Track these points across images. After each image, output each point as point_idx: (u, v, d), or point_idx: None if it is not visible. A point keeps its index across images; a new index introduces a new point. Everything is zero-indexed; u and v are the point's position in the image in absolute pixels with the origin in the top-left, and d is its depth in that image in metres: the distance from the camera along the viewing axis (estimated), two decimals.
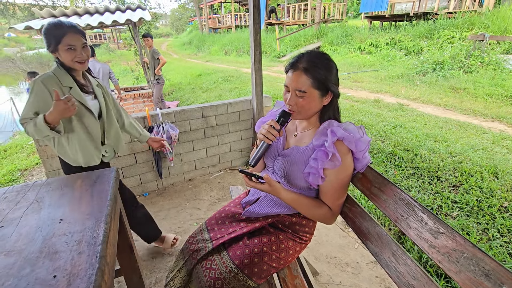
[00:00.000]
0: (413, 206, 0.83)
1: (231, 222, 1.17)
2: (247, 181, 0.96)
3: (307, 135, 1.04)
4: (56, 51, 1.32)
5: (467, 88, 5.32)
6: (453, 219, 2.01)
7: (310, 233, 1.16)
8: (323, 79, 0.92)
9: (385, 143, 3.18)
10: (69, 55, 1.32)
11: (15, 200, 0.98)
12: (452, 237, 0.71)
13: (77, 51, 1.33)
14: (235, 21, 19.00)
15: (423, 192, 2.32)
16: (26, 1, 20.87)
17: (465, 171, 2.47)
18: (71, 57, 1.32)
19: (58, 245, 0.75)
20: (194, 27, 27.55)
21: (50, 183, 1.09)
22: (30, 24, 4.11)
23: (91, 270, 0.66)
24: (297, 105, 0.95)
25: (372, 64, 8.29)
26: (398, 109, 4.58)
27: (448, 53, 6.85)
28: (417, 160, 2.73)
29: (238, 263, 1.01)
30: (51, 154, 2.15)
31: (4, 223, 0.85)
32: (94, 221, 0.84)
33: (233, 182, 2.86)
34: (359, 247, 1.92)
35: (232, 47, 14.92)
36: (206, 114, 2.73)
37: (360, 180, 1.05)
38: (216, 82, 7.72)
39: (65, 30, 1.30)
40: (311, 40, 11.86)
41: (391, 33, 9.52)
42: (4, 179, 3.35)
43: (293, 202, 0.98)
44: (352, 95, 5.70)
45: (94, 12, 4.95)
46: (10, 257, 0.71)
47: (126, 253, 1.25)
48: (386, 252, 0.90)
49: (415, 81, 6.27)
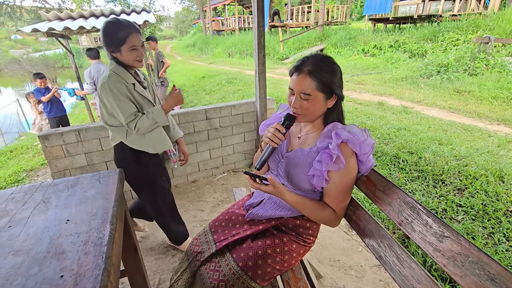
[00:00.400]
0: (417, 209, 0.83)
1: (234, 224, 1.18)
2: (251, 182, 0.96)
3: (311, 137, 1.05)
4: (118, 51, 1.34)
5: (472, 91, 5.28)
6: (458, 223, 2.00)
7: (313, 236, 1.16)
8: (328, 82, 0.93)
9: (389, 145, 3.17)
10: (131, 55, 1.35)
11: (23, 200, 0.99)
12: (457, 241, 0.71)
13: (139, 50, 1.36)
14: (238, 23, 19.08)
15: (428, 195, 2.30)
16: (32, 3, 21.17)
17: (470, 174, 2.45)
18: (133, 57, 1.35)
19: (65, 245, 0.76)
20: (198, 29, 27.71)
21: (57, 184, 1.10)
22: (37, 27, 4.17)
23: (97, 270, 0.67)
24: (302, 108, 0.96)
25: (375, 66, 8.27)
26: (402, 112, 4.56)
27: (452, 55, 6.82)
28: (421, 163, 2.71)
29: (242, 265, 1.02)
30: (57, 155, 2.17)
31: (12, 223, 0.86)
32: (100, 221, 0.85)
33: (237, 184, 2.86)
34: (363, 250, 1.91)
35: (236, 49, 14.98)
36: (210, 116, 2.75)
37: (364, 183, 1.05)
38: (219, 84, 7.75)
39: (128, 31, 1.31)
40: (315, 43, 11.87)
41: (395, 36, 9.50)
42: (10, 179, 3.39)
43: (297, 204, 0.98)
44: (355, 97, 5.69)
45: (100, 15, 5.01)
46: (18, 256, 0.72)
47: (130, 253, 1.26)
48: (391, 255, 0.89)
49: (419, 83, 6.24)
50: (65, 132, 2.15)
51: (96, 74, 3.94)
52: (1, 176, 3.48)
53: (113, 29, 1.31)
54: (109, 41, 1.32)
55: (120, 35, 1.30)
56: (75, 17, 4.69)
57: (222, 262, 1.05)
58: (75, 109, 9.44)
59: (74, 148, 2.22)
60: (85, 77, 3.98)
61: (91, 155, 2.30)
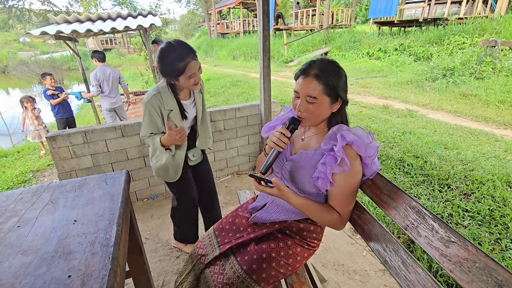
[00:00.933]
0: (423, 214, 0.83)
1: (238, 227, 1.18)
2: (256, 185, 0.97)
3: (315, 139, 1.05)
4: (176, 80, 1.31)
5: (479, 95, 5.23)
6: (464, 228, 1.97)
7: (318, 239, 1.16)
8: (334, 86, 0.93)
9: (394, 149, 3.15)
10: (189, 82, 1.32)
11: (31, 200, 1.01)
12: (464, 247, 0.71)
13: (197, 76, 1.32)
14: (243, 26, 19.19)
15: (433, 200, 2.28)
16: (41, 7, 21.55)
17: (477, 179, 2.42)
18: (191, 83, 1.33)
19: (72, 245, 0.77)
20: (202, 32, 27.91)
21: (64, 185, 1.12)
22: (45, 30, 4.24)
23: (104, 271, 0.68)
24: (307, 111, 0.96)
25: (380, 69, 8.24)
26: (407, 115, 4.53)
27: (458, 59, 6.77)
28: (426, 167, 2.69)
29: (246, 269, 1.02)
30: (63, 156, 2.20)
31: (20, 223, 0.87)
32: (107, 222, 0.86)
33: (240, 186, 2.87)
34: (367, 254, 1.90)
35: (240, 52, 15.05)
36: (215, 119, 2.76)
37: (369, 187, 1.04)
38: (224, 87, 7.79)
39: (186, 60, 1.25)
40: (319, 46, 11.88)
41: (400, 39, 9.46)
42: (17, 180, 3.43)
43: (302, 206, 0.98)
44: (360, 100, 5.67)
45: (107, 18, 5.08)
46: (27, 256, 0.73)
47: (135, 255, 1.27)
48: (396, 260, 0.89)
49: (424, 87, 6.20)
50: (72, 133, 2.18)
51: (102, 76, 3.99)
52: (8, 176, 3.53)
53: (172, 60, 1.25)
54: (167, 71, 1.28)
55: (179, 66, 1.25)
56: (83, 20, 4.76)
57: (226, 265, 1.06)
58: (81, 111, 9.55)
59: (80, 149, 2.24)
60: (91, 79, 4.03)
61: (97, 157, 2.32)
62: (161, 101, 1.39)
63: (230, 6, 20.47)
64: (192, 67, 1.27)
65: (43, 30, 4.17)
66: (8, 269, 0.69)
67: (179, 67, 1.24)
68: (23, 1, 20.74)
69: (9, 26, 22.26)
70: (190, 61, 1.26)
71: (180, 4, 62.85)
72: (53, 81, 4.21)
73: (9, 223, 0.88)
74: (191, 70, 1.27)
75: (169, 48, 1.25)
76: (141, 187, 2.62)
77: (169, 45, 1.26)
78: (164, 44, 1.28)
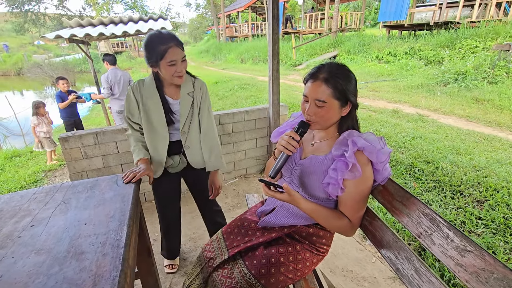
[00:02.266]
0: (437, 221, 0.81)
1: (247, 231, 1.17)
2: (266, 190, 0.96)
3: (325, 144, 1.04)
4: (157, 66, 1.30)
5: (492, 100, 5.12)
6: (478, 236, 1.92)
7: (327, 245, 1.14)
8: (343, 89, 0.92)
9: (404, 154, 3.10)
10: (169, 71, 1.28)
11: (44, 200, 1.03)
12: (480, 256, 0.68)
13: (178, 65, 1.29)
14: (252, 30, 19.31)
15: (445, 206, 2.23)
16: (55, 11, 22.18)
17: (491, 186, 2.35)
18: (172, 73, 1.29)
19: (84, 246, 0.78)
20: (211, 35, 28.19)
21: (76, 185, 1.13)
22: (59, 33, 4.35)
23: (115, 272, 0.68)
24: (316, 115, 0.95)
25: (390, 73, 8.15)
26: (418, 120, 4.46)
27: (471, 63, 6.64)
28: (438, 173, 2.63)
29: (255, 273, 1.01)
30: (75, 157, 2.24)
31: (34, 222, 0.89)
32: (118, 224, 0.87)
33: (248, 189, 2.86)
34: (377, 261, 1.86)
35: (248, 55, 15.12)
36: (223, 121, 2.77)
37: (380, 193, 1.02)
38: (232, 90, 7.83)
39: (168, 44, 1.24)
40: (328, 49, 11.84)
41: (410, 42, 9.35)
42: (30, 179, 3.51)
43: (312, 212, 0.97)
44: (369, 104, 5.62)
45: (119, 22, 5.18)
46: (40, 255, 0.74)
47: (144, 256, 1.28)
48: (409, 268, 0.87)
49: (435, 91, 6.10)
50: (83, 134, 2.22)
51: (113, 79, 4.06)
52: (21, 176, 3.62)
53: (154, 43, 1.24)
54: (149, 55, 1.28)
55: (160, 49, 1.23)
56: (96, 24, 4.87)
57: (235, 269, 1.05)
58: (92, 113, 9.73)
59: (91, 150, 2.28)
60: (102, 82, 4.10)
61: (107, 158, 2.36)
62: (141, 87, 1.39)
63: (239, 10, 20.65)
64: (173, 52, 1.25)
65: (58, 33, 4.28)
66: (22, 267, 0.70)
67: (160, 49, 1.24)
68: (39, 6, 21.37)
69: (24, 30, 22.98)
70: (172, 46, 1.25)
71: (189, 8, 63.67)
72: (65, 85, 4.29)
73: (23, 222, 0.90)
74: (171, 55, 1.25)
75: (154, 33, 1.28)
76: (149, 188, 2.65)
77: (156, 32, 1.30)
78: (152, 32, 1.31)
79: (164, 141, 1.46)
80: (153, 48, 1.25)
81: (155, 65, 1.29)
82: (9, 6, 20.28)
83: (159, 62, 1.26)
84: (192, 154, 1.53)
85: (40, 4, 21.33)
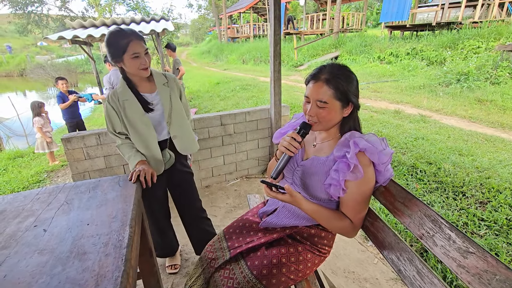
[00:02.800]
0: (440, 223, 0.80)
1: (249, 231, 1.17)
2: (268, 191, 0.96)
3: (327, 145, 1.04)
4: (120, 61, 1.32)
5: (495, 100, 5.09)
6: (480, 237, 1.91)
7: (329, 246, 1.14)
8: (345, 90, 0.93)
9: (406, 155, 3.09)
10: (134, 64, 1.32)
11: (47, 201, 1.03)
12: (483, 258, 0.68)
13: (141, 58, 1.33)
14: (253, 30, 19.33)
15: (447, 207, 2.22)
16: (58, 12, 22.32)
17: (493, 187, 2.34)
18: (137, 66, 1.33)
19: (86, 246, 0.78)
20: (213, 36, 28.26)
21: (79, 186, 1.14)
22: (62, 35, 4.38)
23: (117, 272, 0.68)
24: (318, 116, 0.96)
25: (392, 74, 8.13)
26: (420, 121, 4.44)
27: (473, 63, 6.62)
28: (440, 174, 2.62)
29: (257, 274, 1.01)
30: (77, 157, 2.25)
31: (37, 223, 0.90)
32: (120, 224, 0.88)
33: (249, 190, 2.86)
34: (379, 262, 1.86)
35: (250, 56, 15.14)
36: (225, 122, 2.78)
37: (382, 194, 1.02)
38: (233, 90, 7.83)
39: (129, 38, 1.28)
40: (329, 50, 11.83)
41: (412, 43, 9.32)
42: (32, 179, 3.53)
43: (314, 213, 0.97)
44: (371, 105, 5.61)
45: (121, 23, 5.21)
46: (43, 255, 0.75)
47: (146, 256, 1.28)
48: (411, 269, 0.86)
49: (437, 92, 6.08)
50: (86, 135, 2.23)
51: (115, 80, 4.07)
52: (24, 176, 3.64)
53: (115, 38, 1.28)
54: (112, 51, 1.31)
55: (121, 43, 1.28)
56: (98, 25, 4.90)
57: (236, 270, 1.05)
58: (94, 113, 9.77)
59: (94, 151, 2.29)
60: (104, 82, 4.12)
61: (109, 158, 2.37)
62: (116, 94, 1.40)
63: (240, 10, 20.70)
64: (134, 45, 1.29)
65: (60, 34, 4.31)
66: (26, 267, 0.71)
67: (122, 44, 1.27)
68: (42, 7, 21.51)
69: (27, 31, 23.12)
70: (133, 39, 1.29)
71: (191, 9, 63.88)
72: (65, 85, 4.28)
73: (27, 222, 0.90)
74: (133, 48, 1.28)
75: (114, 30, 1.31)
76: None
77: (115, 28, 1.32)
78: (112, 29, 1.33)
79: (152, 138, 1.48)
80: (115, 43, 1.29)
81: (119, 60, 1.32)
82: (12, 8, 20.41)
83: (122, 56, 1.30)
84: (181, 142, 1.57)
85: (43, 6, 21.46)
